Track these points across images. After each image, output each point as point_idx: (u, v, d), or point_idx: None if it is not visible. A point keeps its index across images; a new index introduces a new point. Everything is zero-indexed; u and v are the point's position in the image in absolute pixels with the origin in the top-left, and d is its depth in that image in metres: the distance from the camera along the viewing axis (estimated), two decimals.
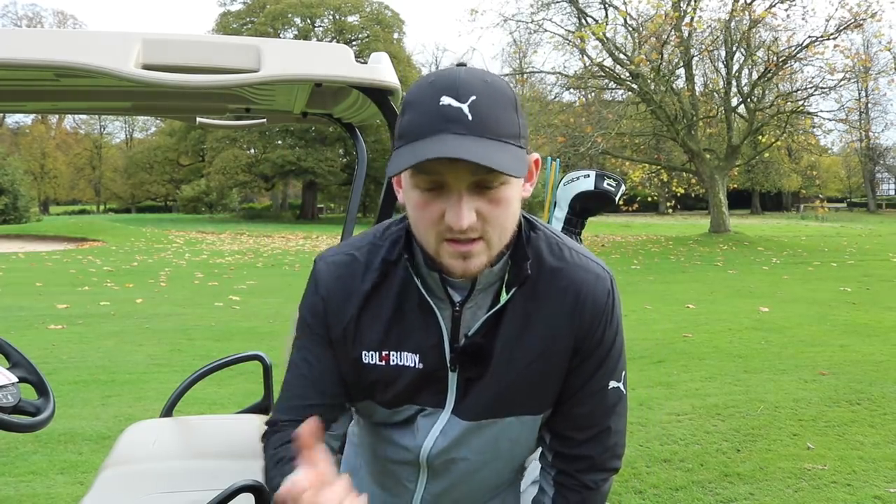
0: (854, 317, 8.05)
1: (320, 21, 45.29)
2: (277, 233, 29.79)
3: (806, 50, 21.50)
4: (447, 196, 1.03)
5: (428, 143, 0.99)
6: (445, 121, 1.00)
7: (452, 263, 1.08)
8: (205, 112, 2.45)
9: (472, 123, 0.99)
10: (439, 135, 0.99)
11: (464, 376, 1.18)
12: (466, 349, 1.16)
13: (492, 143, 1.00)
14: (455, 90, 1.01)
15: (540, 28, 24.01)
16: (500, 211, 1.05)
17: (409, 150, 1.01)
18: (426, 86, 1.04)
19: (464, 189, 1.02)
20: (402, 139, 1.04)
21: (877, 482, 3.50)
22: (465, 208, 1.02)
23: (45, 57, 1.35)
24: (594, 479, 1.24)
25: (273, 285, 11.49)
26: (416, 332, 1.17)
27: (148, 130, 61.64)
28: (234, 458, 1.88)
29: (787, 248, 18.71)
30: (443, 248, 1.07)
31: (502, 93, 1.04)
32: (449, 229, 1.03)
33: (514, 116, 1.05)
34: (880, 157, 55.02)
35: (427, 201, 1.05)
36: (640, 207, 37.80)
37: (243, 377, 5.11)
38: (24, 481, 3.52)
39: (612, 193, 1.92)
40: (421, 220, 1.07)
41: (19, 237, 26.65)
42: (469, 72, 1.05)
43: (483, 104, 1.01)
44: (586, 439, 1.23)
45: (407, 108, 1.05)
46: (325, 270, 1.22)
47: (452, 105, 1.00)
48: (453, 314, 1.16)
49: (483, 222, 1.04)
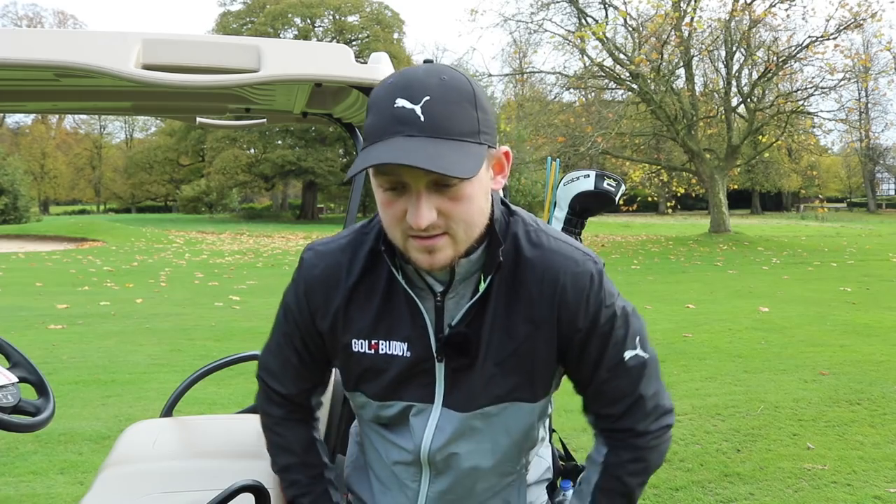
0: (854, 317, 8.05)
1: (320, 21, 45.28)
2: (277, 233, 29.78)
3: (806, 50, 21.49)
4: (408, 195, 1.05)
5: (381, 147, 1.01)
6: (398, 123, 1.01)
7: (419, 258, 1.10)
8: (205, 112, 2.45)
9: (423, 125, 1.01)
10: (392, 137, 1.01)
11: (451, 366, 1.19)
12: (451, 339, 1.17)
13: (444, 144, 1.01)
14: (409, 91, 1.02)
15: (540, 28, 24.01)
16: (461, 208, 1.06)
17: (365, 153, 1.03)
18: (385, 87, 1.06)
19: (422, 188, 1.03)
20: (365, 140, 1.07)
21: (877, 482, 3.51)
22: (424, 207, 1.03)
23: (45, 57, 1.35)
24: (645, 441, 1.26)
25: (273, 285, 11.49)
26: (404, 321, 1.19)
27: (148, 130, 61.70)
28: (234, 458, 1.88)
29: (787, 248, 18.71)
30: (409, 243, 1.09)
31: (459, 90, 1.04)
32: (411, 227, 1.05)
33: (472, 112, 1.05)
34: (880, 157, 54.99)
35: (390, 200, 1.07)
36: (640, 207, 37.85)
37: (243, 377, 5.12)
38: (24, 481, 3.52)
39: (612, 193, 1.91)
40: (386, 218, 1.09)
41: (19, 237, 26.68)
42: (428, 70, 1.06)
43: (437, 104, 1.02)
44: (623, 412, 1.25)
45: (369, 110, 1.07)
46: (313, 259, 1.25)
47: (405, 107, 1.02)
48: (436, 304, 1.17)
49: (445, 219, 1.06)
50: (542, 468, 1.43)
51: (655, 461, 1.29)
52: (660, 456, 1.29)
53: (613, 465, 1.27)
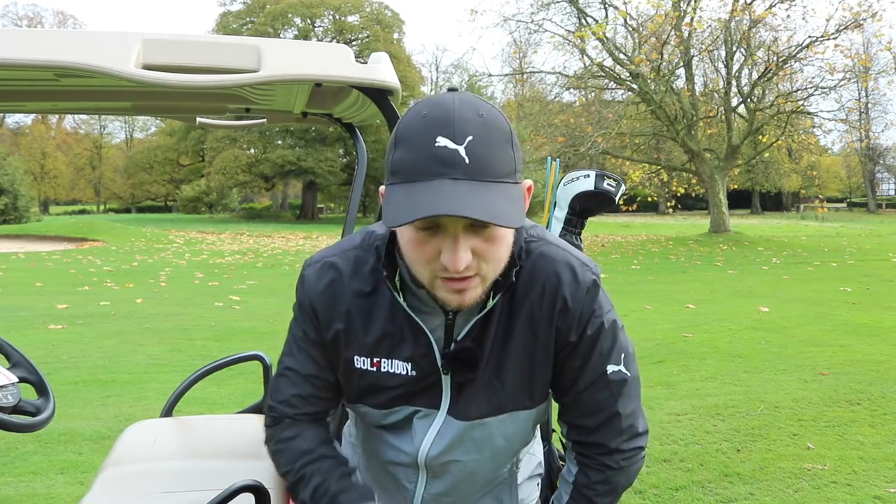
0: (854, 317, 8.05)
1: (320, 21, 45.29)
2: (277, 233, 29.78)
3: (806, 50, 21.50)
4: (442, 236, 1.02)
5: (425, 190, 0.96)
6: (441, 164, 0.96)
7: (448, 297, 1.08)
8: (205, 112, 2.45)
9: (468, 167, 0.97)
10: (436, 179, 0.96)
11: (457, 380, 1.19)
12: (457, 354, 1.17)
13: (489, 188, 0.97)
14: (451, 129, 0.97)
15: (540, 28, 24.02)
16: (495, 248, 1.05)
17: (405, 195, 0.98)
18: (419, 120, 1.00)
19: (460, 230, 1.01)
20: (397, 176, 1.01)
21: (877, 482, 3.50)
22: (462, 250, 1.01)
23: (45, 57, 1.35)
24: (615, 460, 1.26)
25: (273, 285, 11.49)
26: (407, 342, 1.18)
27: (148, 130, 61.72)
28: (234, 458, 1.88)
29: (787, 248, 18.71)
30: (437, 284, 1.07)
31: (498, 128, 1.01)
32: (444, 269, 1.02)
33: (511, 151, 1.02)
34: (880, 157, 55.00)
35: (422, 240, 1.03)
36: (640, 207, 37.86)
37: (243, 377, 5.12)
38: (24, 481, 3.52)
39: (612, 193, 1.91)
40: (417, 258, 1.06)
41: (19, 237, 26.68)
42: (463, 104, 1.00)
43: (480, 144, 0.98)
44: (598, 426, 1.24)
45: (400, 144, 1.01)
46: (313, 276, 1.23)
47: (448, 147, 0.97)
48: (446, 322, 1.17)
49: (479, 260, 1.04)
50: (532, 464, 1.44)
51: (623, 483, 1.29)
52: (628, 478, 1.29)
53: (583, 485, 1.27)
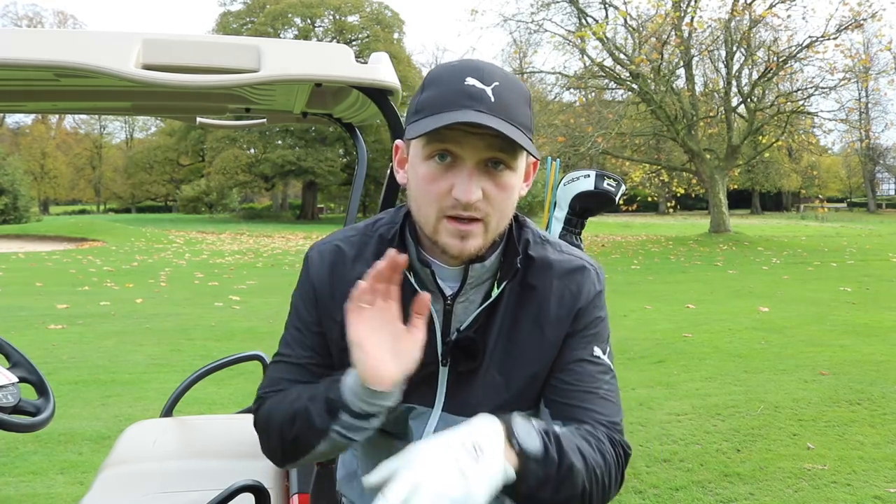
0: (854, 317, 8.05)
1: (320, 21, 45.29)
2: (277, 233, 29.79)
3: (806, 50, 21.50)
4: (457, 171, 1.06)
5: (452, 115, 1.02)
6: (469, 98, 1.03)
7: (449, 242, 1.09)
8: (205, 112, 2.45)
9: (494, 105, 1.03)
10: (462, 109, 1.02)
11: (455, 371, 1.18)
12: (459, 343, 1.16)
13: (510, 126, 1.03)
14: (480, 73, 1.05)
15: (540, 28, 24.00)
16: (503, 195, 1.09)
17: (432, 119, 1.03)
18: (450, 68, 1.08)
19: (474, 165, 1.05)
20: (421, 112, 1.06)
21: (877, 482, 3.50)
22: (475, 184, 1.05)
23: (45, 57, 1.35)
24: (597, 442, 1.12)
25: (273, 285, 11.49)
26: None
27: (148, 130, 61.74)
28: (234, 458, 1.88)
29: (786, 248, 18.71)
30: (442, 224, 1.08)
31: (520, 86, 1.10)
32: (454, 205, 1.06)
33: (528, 111, 1.09)
34: (880, 157, 55.02)
35: (436, 174, 1.07)
36: (640, 207, 37.87)
37: (243, 377, 5.12)
38: (24, 481, 3.52)
39: (612, 193, 1.91)
40: (426, 194, 1.09)
41: (19, 237, 26.69)
42: (489, 63, 1.10)
43: (505, 90, 1.06)
44: (578, 406, 1.15)
45: (429, 86, 1.08)
46: (317, 259, 1.24)
47: (477, 86, 1.04)
48: (445, 308, 1.17)
49: (487, 203, 1.07)
50: None
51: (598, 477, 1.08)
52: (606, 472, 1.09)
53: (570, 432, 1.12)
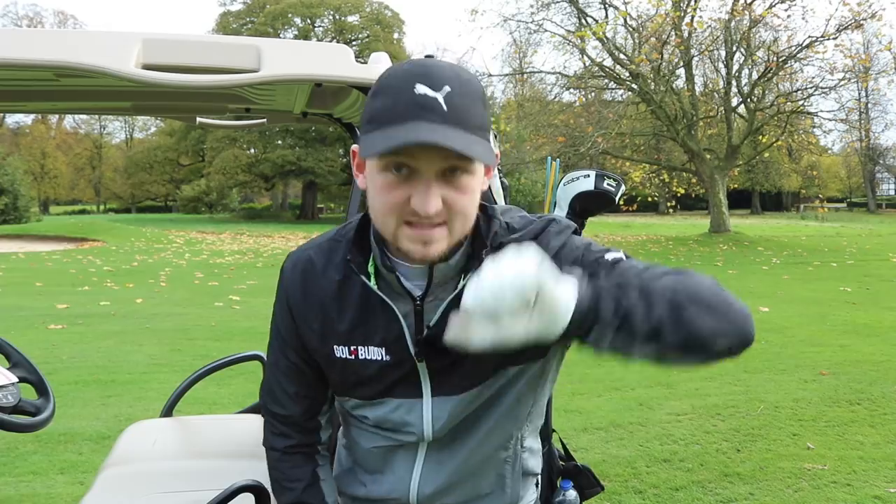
0: (854, 317, 8.05)
1: (320, 21, 45.29)
2: (277, 233, 29.78)
3: (806, 50, 21.47)
4: (415, 182, 1.03)
5: (403, 129, 0.99)
6: (420, 108, 1.00)
7: (412, 248, 1.08)
8: (205, 112, 2.45)
9: (446, 114, 1.00)
10: (414, 121, 0.99)
11: (431, 366, 1.19)
12: (429, 340, 1.16)
13: (465, 133, 1.01)
14: (429, 79, 1.01)
15: (540, 28, 24.01)
16: (465, 199, 1.06)
17: (382, 134, 1.01)
18: (400, 72, 1.04)
19: (432, 176, 1.03)
20: (373, 123, 1.04)
21: (877, 482, 3.51)
22: (433, 195, 1.02)
23: (45, 57, 1.34)
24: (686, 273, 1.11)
25: (273, 285, 11.25)
26: (380, 327, 1.19)
27: (148, 130, 61.72)
28: (234, 458, 1.88)
29: (787, 248, 18.71)
30: (402, 231, 1.07)
31: (473, 86, 1.05)
32: (413, 213, 1.04)
33: (482, 109, 1.06)
34: (880, 157, 54.95)
35: (392, 185, 1.05)
36: (640, 207, 37.80)
37: (243, 377, 5.12)
38: (24, 481, 3.53)
39: (612, 193, 1.91)
40: (384, 204, 1.07)
41: (19, 237, 26.67)
42: (440, 61, 1.07)
43: (456, 95, 1.01)
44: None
45: (379, 93, 1.05)
46: (290, 269, 1.27)
47: (428, 94, 1.00)
48: (415, 308, 1.17)
49: (448, 209, 1.05)
50: (532, 463, 1.38)
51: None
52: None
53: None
